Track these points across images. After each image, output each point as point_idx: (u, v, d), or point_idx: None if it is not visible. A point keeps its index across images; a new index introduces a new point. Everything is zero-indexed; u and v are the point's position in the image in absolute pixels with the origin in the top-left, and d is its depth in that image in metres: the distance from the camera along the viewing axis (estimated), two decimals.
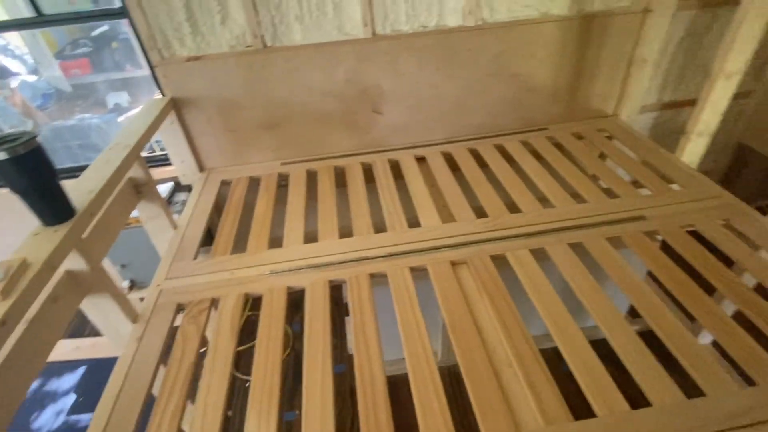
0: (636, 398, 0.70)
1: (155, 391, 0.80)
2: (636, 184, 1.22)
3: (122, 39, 3.33)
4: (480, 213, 1.14)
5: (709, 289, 0.88)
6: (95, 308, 0.86)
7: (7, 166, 0.68)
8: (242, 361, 1.47)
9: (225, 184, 1.38)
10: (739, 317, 0.83)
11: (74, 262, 0.78)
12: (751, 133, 1.72)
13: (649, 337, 0.80)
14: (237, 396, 1.40)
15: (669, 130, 1.66)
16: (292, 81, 1.30)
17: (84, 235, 0.81)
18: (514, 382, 0.74)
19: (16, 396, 0.63)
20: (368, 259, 1.02)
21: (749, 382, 0.71)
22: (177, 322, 0.92)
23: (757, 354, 0.75)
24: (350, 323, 0.88)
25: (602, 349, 0.78)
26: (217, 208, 1.29)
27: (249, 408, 0.74)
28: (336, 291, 1.66)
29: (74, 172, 1.35)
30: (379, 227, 1.12)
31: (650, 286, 0.90)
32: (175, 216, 1.25)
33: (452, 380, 1.33)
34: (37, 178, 0.71)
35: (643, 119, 1.63)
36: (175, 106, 1.29)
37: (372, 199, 1.22)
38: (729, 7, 1.38)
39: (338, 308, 1.61)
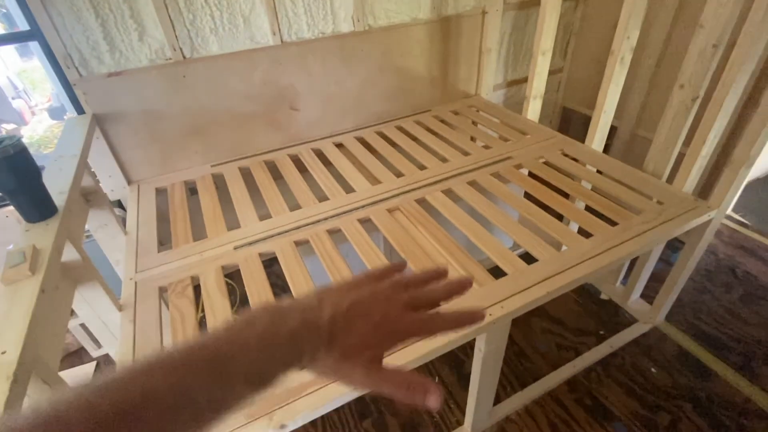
0: (528, 259, 1.04)
1: None
2: (502, 138, 1.64)
3: None
4: (398, 174, 1.43)
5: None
6: (82, 300, 0.92)
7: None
8: None
9: (160, 191, 1.44)
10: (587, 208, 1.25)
11: (68, 252, 0.84)
12: (569, 97, 2.34)
13: (532, 228, 1.16)
14: None
15: (515, 101, 2.18)
16: (213, 88, 1.43)
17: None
18: (452, 271, 1.03)
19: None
20: (321, 220, 1.22)
21: (588, 236, 1.11)
22: (161, 303, 1.01)
23: (594, 220, 1.16)
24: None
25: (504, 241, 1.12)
26: (159, 215, 1.35)
27: None
28: (280, 279, 1.80)
29: None
30: (322, 199, 1.33)
31: (526, 200, 1.28)
32: None
33: None
34: (24, 177, 0.78)
35: (497, 95, 2.11)
36: (99, 122, 1.32)
37: (308, 183, 1.42)
38: (536, 8, 1.91)
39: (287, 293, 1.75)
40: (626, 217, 1.17)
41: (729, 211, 2.01)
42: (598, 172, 1.40)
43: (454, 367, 1.43)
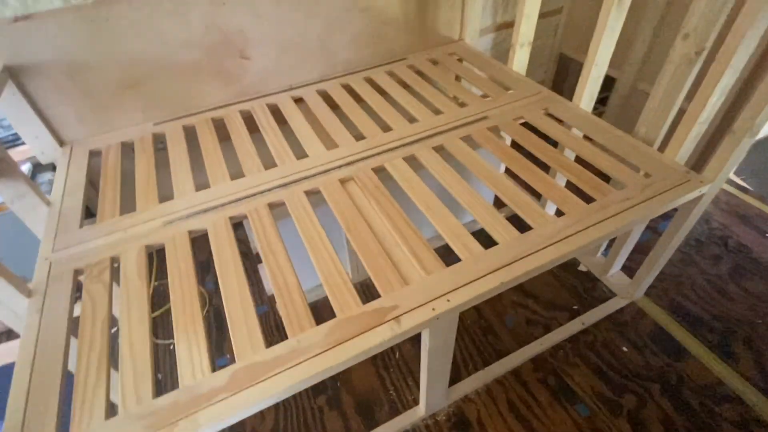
0: (487, 243, 0.92)
1: (71, 361, 0.81)
2: (484, 94, 1.46)
3: None
4: (359, 137, 1.27)
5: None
6: None
7: None
8: (159, 329, 1.48)
9: (94, 154, 1.30)
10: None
11: None
12: (568, 44, 2.09)
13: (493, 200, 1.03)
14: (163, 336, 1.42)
15: (506, 47, 1.94)
16: (144, 32, 1.24)
17: None
18: (402, 255, 0.92)
19: None
20: (263, 192, 1.10)
21: (561, 214, 0.98)
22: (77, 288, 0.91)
23: (568, 195, 1.02)
24: (264, 267, 0.91)
25: (462, 217, 0.99)
26: (91, 180, 1.23)
27: (176, 337, 0.80)
28: (243, 244, 1.71)
29: None
30: (269, 165, 1.19)
31: (498, 170, 1.14)
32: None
33: (365, 293, 1.51)
34: None
35: (485, 41, 1.88)
36: (12, 75, 1.15)
37: (258, 145, 1.27)
38: None
39: (249, 259, 1.67)
40: (606, 192, 1.03)
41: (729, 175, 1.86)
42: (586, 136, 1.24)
43: (415, 342, 1.37)
